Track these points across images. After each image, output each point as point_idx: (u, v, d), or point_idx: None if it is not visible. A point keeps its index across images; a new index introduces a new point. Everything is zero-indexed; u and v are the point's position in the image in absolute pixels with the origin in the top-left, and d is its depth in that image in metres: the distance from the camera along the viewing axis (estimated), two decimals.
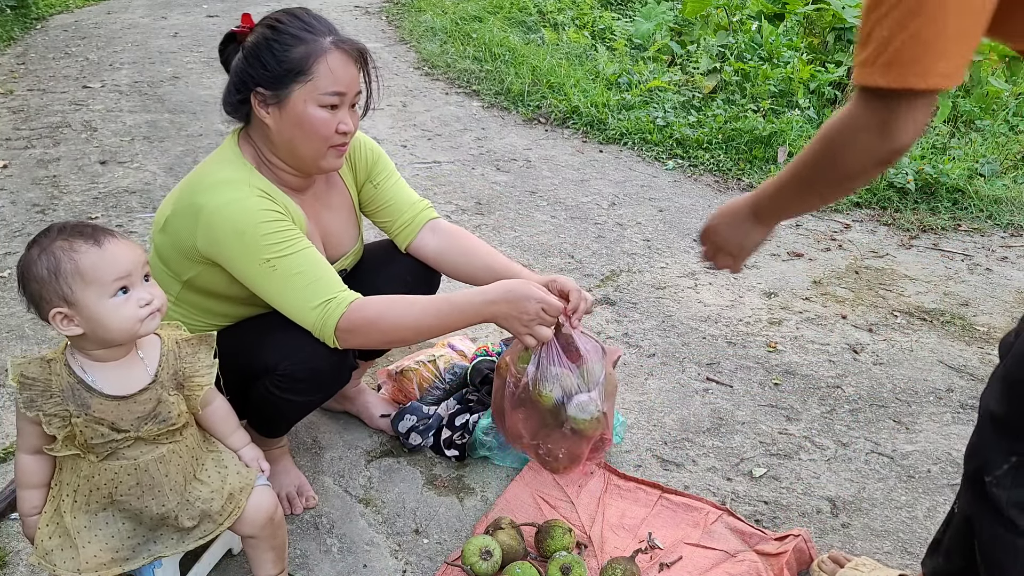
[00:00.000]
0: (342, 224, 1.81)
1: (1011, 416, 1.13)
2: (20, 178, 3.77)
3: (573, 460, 1.78)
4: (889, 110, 0.95)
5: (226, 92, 1.61)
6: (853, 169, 1.04)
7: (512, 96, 5.00)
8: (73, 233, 1.24)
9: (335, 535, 1.79)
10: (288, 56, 1.50)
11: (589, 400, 1.70)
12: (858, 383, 2.37)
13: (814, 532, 1.81)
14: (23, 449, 1.34)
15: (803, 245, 3.27)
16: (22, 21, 6.93)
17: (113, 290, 1.24)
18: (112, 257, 1.24)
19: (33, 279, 1.22)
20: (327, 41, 1.52)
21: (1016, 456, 1.12)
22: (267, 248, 1.50)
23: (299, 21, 1.54)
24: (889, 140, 0.97)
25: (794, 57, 4.74)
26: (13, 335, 2.51)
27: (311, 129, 1.54)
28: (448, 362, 2.21)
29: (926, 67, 0.91)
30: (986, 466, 1.15)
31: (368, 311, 1.53)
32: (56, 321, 1.23)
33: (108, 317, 1.24)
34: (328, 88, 1.52)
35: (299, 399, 1.65)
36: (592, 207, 3.60)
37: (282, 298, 1.53)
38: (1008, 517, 1.13)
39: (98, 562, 1.32)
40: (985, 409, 1.18)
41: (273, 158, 1.62)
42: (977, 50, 1.10)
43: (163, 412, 1.33)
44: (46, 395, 1.27)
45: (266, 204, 1.52)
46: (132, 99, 5.02)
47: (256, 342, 1.61)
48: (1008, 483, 1.13)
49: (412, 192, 1.90)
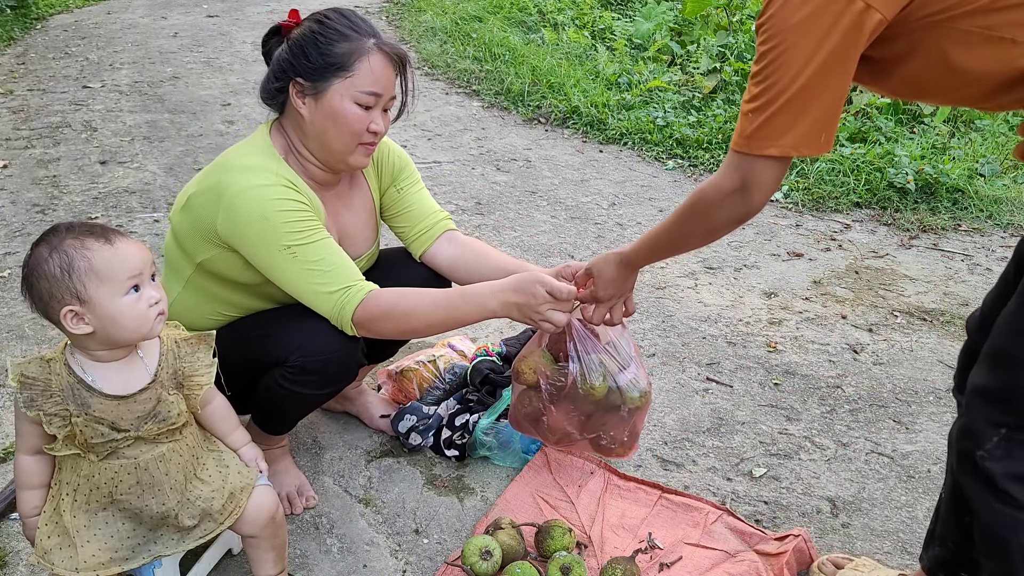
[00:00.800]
0: (361, 226, 1.82)
1: (996, 386, 1.15)
2: (20, 178, 3.77)
3: (634, 436, 1.78)
4: (750, 172, 1.17)
5: (265, 80, 1.65)
6: (719, 225, 1.28)
7: (512, 96, 5.01)
8: (83, 232, 1.24)
9: (335, 535, 1.79)
10: (332, 50, 1.54)
11: (635, 375, 1.70)
12: (858, 383, 2.37)
13: (814, 532, 1.81)
14: (22, 450, 1.34)
15: (803, 245, 3.27)
16: (22, 21, 6.94)
17: (126, 288, 1.25)
18: (124, 255, 1.25)
19: (43, 277, 1.22)
20: (371, 42, 1.56)
21: (1005, 427, 1.12)
22: (288, 235, 1.52)
23: (346, 20, 1.58)
24: (748, 201, 1.20)
25: None
26: (13, 335, 2.51)
27: (344, 123, 1.56)
28: (448, 362, 2.21)
29: (781, 139, 1.12)
30: (976, 441, 1.15)
31: (382, 300, 1.56)
32: (67, 320, 1.23)
33: (121, 315, 1.25)
34: (367, 87, 1.55)
35: (308, 392, 1.66)
36: (592, 207, 3.60)
37: (300, 284, 1.55)
38: (1004, 490, 1.13)
39: (97, 561, 1.32)
40: (971, 385, 1.19)
41: (303, 150, 1.64)
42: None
43: (163, 411, 1.33)
44: (46, 395, 1.27)
45: (290, 193, 1.54)
46: (132, 99, 5.02)
47: (267, 335, 1.63)
48: (1000, 455, 1.13)
49: (434, 202, 1.92)
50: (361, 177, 1.82)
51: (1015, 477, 1.13)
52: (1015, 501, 1.13)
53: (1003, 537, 1.16)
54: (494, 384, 2.11)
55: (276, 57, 1.61)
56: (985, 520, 1.18)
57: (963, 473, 1.20)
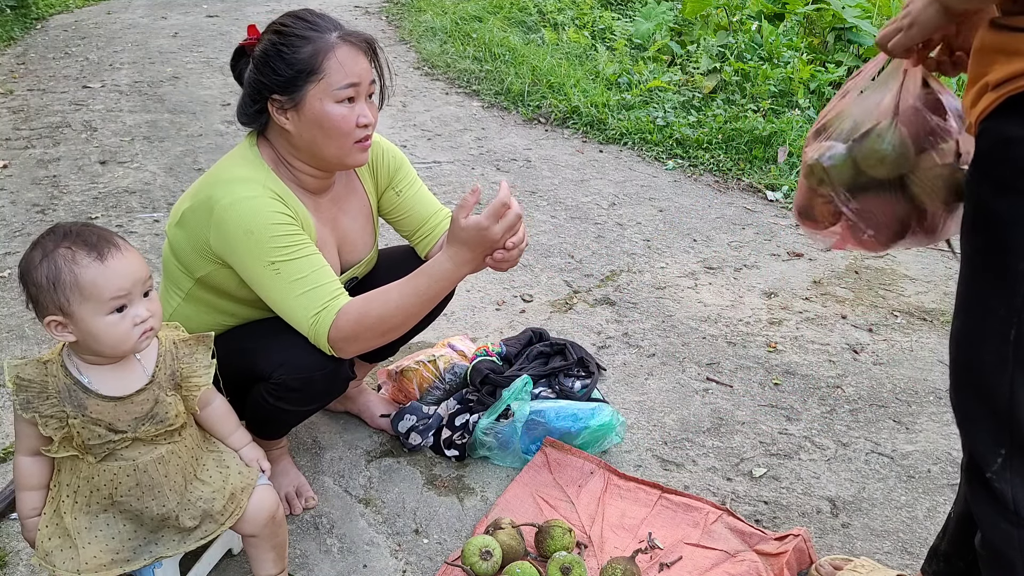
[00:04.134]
0: (359, 230, 1.80)
1: (966, 409, 1.13)
2: (20, 178, 3.77)
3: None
4: None
5: (241, 104, 1.61)
6: None
7: (512, 96, 5.00)
8: (77, 241, 1.23)
9: (335, 535, 1.79)
10: (297, 57, 1.50)
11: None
12: (858, 383, 2.37)
13: (814, 532, 1.81)
14: (21, 451, 1.33)
15: (803, 245, 3.27)
16: (22, 21, 6.93)
17: (109, 308, 1.23)
18: (113, 274, 1.23)
19: (31, 283, 1.22)
20: (333, 36, 1.53)
21: (1003, 447, 1.09)
22: (273, 251, 1.49)
23: (303, 22, 1.54)
24: None
25: (794, 57, 4.74)
26: (13, 335, 2.51)
27: (331, 126, 1.53)
28: (448, 362, 2.21)
29: None
30: (983, 462, 1.12)
31: (351, 313, 1.51)
32: (50, 328, 1.23)
33: (101, 334, 1.24)
34: (341, 82, 1.51)
35: (292, 408, 1.65)
36: (592, 207, 3.60)
37: (283, 304, 1.53)
38: (1015, 511, 1.10)
39: (98, 563, 1.32)
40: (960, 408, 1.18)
41: (293, 160, 1.61)
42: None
43: (160, 413, 1.32)
44: (42, 396, 1.27)
45: (278, 207, 1.52)
46: (132, 99, 5.02)
47: (252, 348, 1.61)
48: (1008, 476, 1.10)
49: (434, 199, 1.89)
50: (356, 180, 1.80)
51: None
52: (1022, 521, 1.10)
53: (1010, 559, 1.12)
54: (494, 384, 2.10)
55: (247, 78, 1.58)
56: (990, 538, 1.15)
57: (973, 491, 1.17)
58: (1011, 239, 1.01)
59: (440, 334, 2.49)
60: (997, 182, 1.02)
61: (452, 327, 2.60)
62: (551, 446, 1.99)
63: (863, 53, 4.84)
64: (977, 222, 1.08)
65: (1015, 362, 1.04)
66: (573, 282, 2.94)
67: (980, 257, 1.08)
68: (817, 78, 4.54)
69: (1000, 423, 1.08)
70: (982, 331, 1.08)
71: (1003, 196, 1.02)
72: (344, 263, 1.78)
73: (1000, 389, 1.06)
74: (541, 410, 2.01)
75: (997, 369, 1.06)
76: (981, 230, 1.07)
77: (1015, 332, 1.03)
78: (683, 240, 3.29)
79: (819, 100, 4.53)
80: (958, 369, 1.15)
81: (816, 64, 4.76)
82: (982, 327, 1.08)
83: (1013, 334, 1.03)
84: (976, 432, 1.14)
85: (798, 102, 4.42)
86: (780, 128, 4.09)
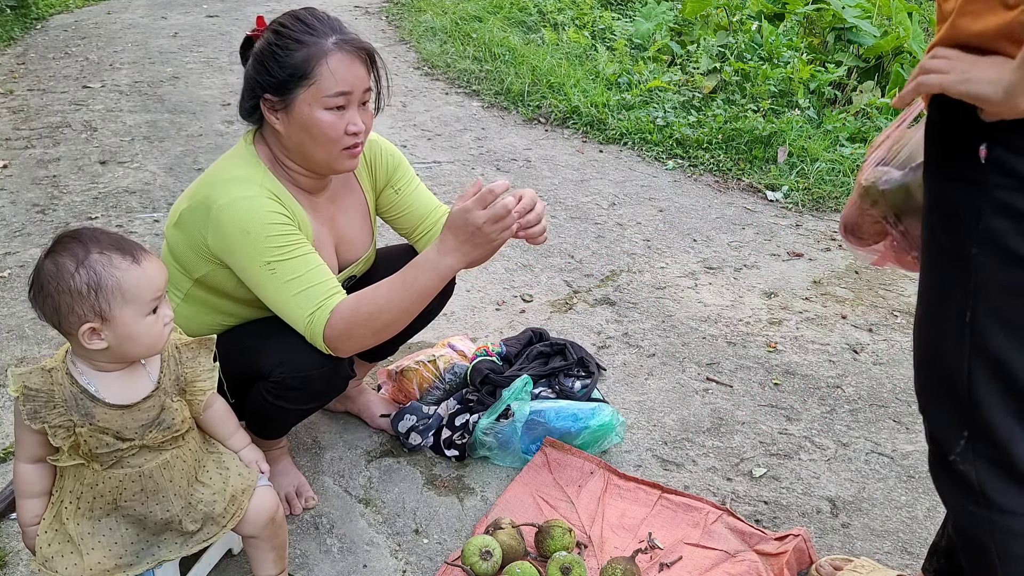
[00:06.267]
0: (356, 228, 1.80)
1: (928, 393, 1.15)
2: (20, 178, 3.77)
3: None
4: None
5: (240, 98, 1.62)
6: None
7: (512, 96, 5.00)
8: (108, 247, 1.22)
9: (335, 535, 1.79)
10: (290, 61, 1.50)
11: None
12: (858, 383, 2.37)
13: (814, 532, 1.81)
14: (22, 459, 1.31)
15: (803, 245, 3.27)
16: (22, 21, 6.93)
17: (149, 309, 1.24)
18: (151, 275, 1.24)
19: (66, 292, 1.19)
20: (329, 42, 1.51)
21: (965, 430, 1.10)
22: (269, 250, 1.49)
23: (302, 24, 1.53)
24: None
25: (794, 57, 4.74)
26: (13, 335, 2.51)
27: (319, 132, 1.52)
28: (448, 362, 2.21)
29: None
30: (946, 445, 1.13)
31: (344, 311, 1.50)
32: (84, 336, 1.21)
33: (142, 335, 1.24)
34: (331, 90, 1.50)
35: (291, 407, 1.65)
36: (592, 207, 3.60)
37: (279, 304, 1.53)
38: (981, 492, 1.10)
39: (102, 568, 1.31)
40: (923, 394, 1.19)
41: (287, 160, 1.61)
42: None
43: (167, 419, 1.32)
44: (49, 406, 1.25)
45: (274, 206, 1.52)
46: (132, 99, 5.02)
47: (251, 347, 1.61)
48: (971, 458, 1.10)
49: (432, 197, 1.89)
50: (354, 179, 1.80)
51: (992, 480, 1.10)
52: (992, 504, 1.10)
53: (982, 542, 1.12)
54: (494, 384, 2.10)
55: (245, 73, 1.58)
56: (962, 523, 1.15)
57: (940, 477, 1.17)
58: (963, 224, 1.03)
59: (440, 334, 2.49)
60: (949, 168, 1.05)
61: (452, 327, 2.60)
62: (551, 446, 1.99)
63: (863, 53, 4.85)
64: (931, 208, 1.10)
65: (972, 345, 1.06)
66: (573, 282, 2.94)
67: (935, 242, 1.10)
68: (817, 78, 4.54)
69: (961, 406, 1.10)
70: (940, 316, 1.10)
71: (954, 182, 1.04)
72: (342, 262, 1.78)
73: (959, 372, 1.08)
74: (541, 410, 2.01)
75: (955, 353, 1.08)
76: (936, 216, 1.09)
77: (970, 314, 1.05)
78: (683, 240, 3.29)
79: (819, 100, 4.53)
80: (920, 355, 1.17)
81: (816, 64, 4.76)
82: (940, 312, 1.10)
83: (969, 316, 1.05)
84: (938, 416, 1.15)
85: (798, 102, 4.43)
86: (780, 128, 4.09)
